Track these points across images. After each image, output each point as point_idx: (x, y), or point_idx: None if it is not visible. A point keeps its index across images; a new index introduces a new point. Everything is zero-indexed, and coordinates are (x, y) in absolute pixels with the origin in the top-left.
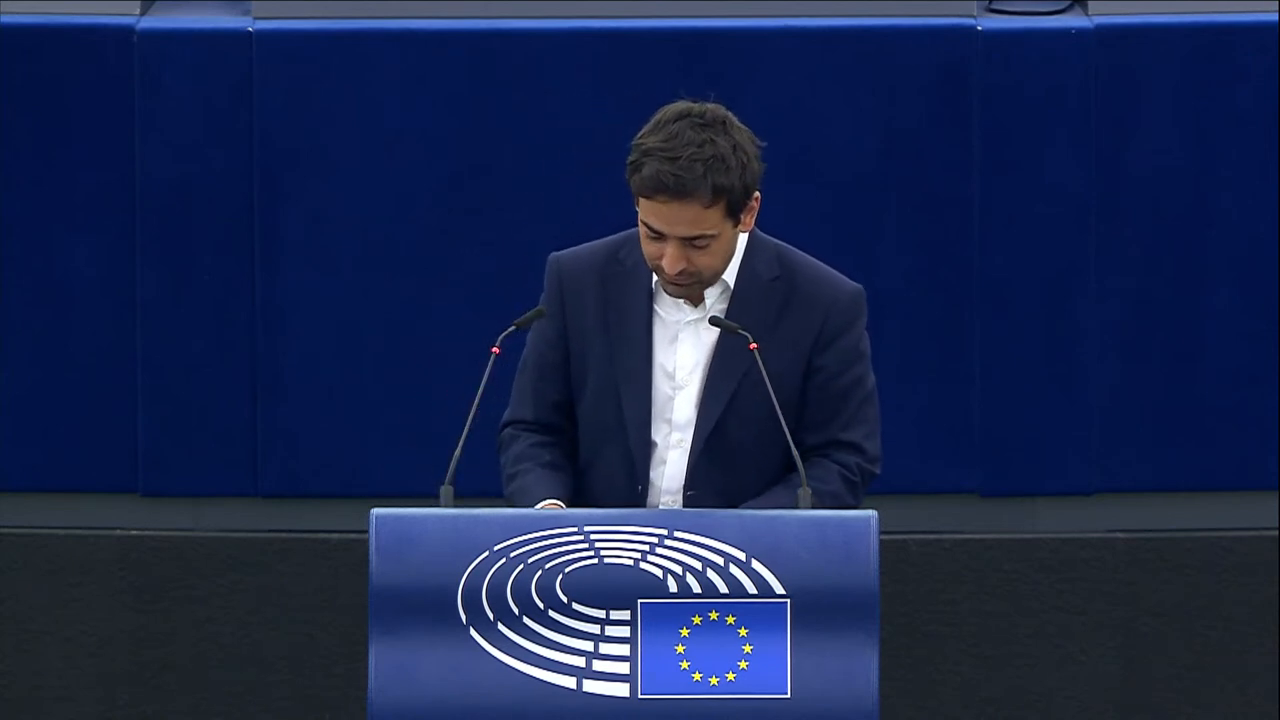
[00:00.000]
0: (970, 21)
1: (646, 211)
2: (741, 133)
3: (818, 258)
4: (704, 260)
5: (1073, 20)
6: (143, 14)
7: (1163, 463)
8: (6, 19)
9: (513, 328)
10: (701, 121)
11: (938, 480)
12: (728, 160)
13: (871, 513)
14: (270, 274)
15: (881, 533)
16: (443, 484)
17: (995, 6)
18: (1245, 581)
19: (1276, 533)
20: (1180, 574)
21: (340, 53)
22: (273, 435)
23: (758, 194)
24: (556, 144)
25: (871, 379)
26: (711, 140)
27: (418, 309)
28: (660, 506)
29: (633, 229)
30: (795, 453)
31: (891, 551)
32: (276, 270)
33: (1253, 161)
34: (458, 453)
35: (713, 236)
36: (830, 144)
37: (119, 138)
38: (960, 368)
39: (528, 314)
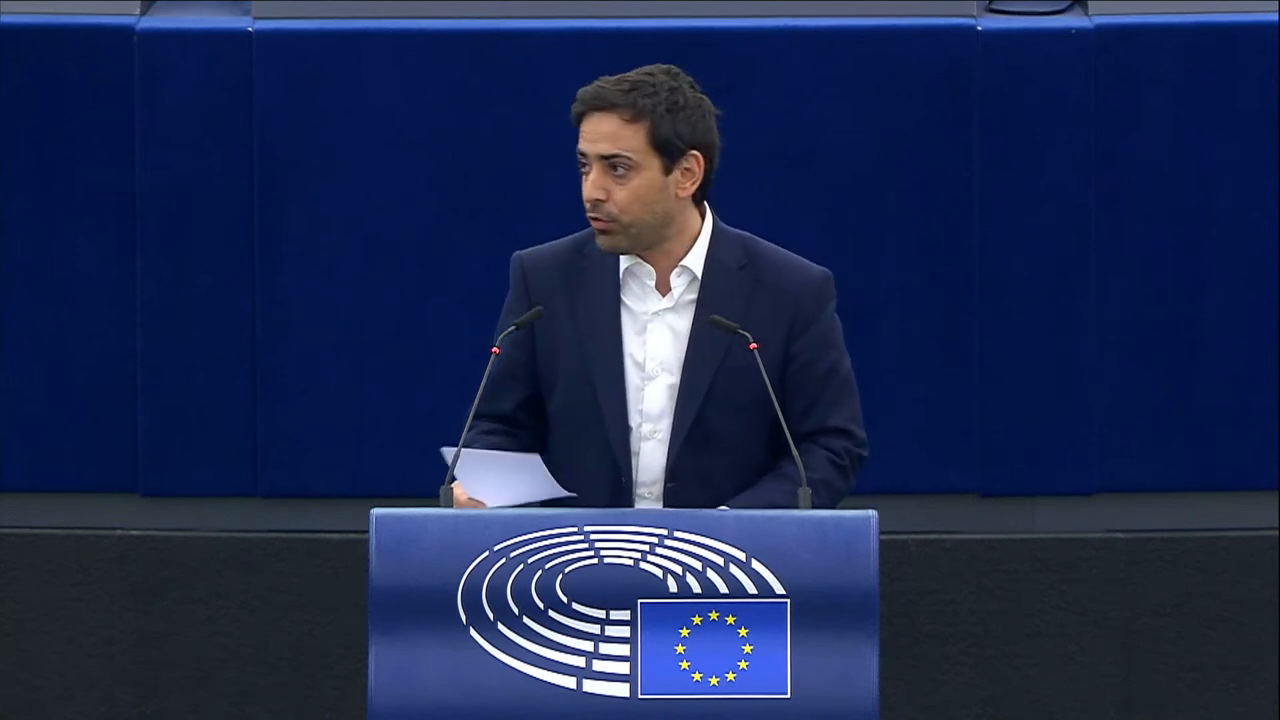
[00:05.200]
0: (970, 21)
1: (580, 141)
2: (691, 89)
3: (817, 258)
4: (623, 195)
5: (1073, 20)
6: (143, 14)
7: (1163, 463)
8: (6, 19)
9: (512, 328)
10: (648, 69)
11: (938, 480)
12: (659, 91)
13: (871, 513)
14: (270, 274)
15: (881, 533)
16: (443, 484)
17: (995, 6)
18: (1245, 581)
19: (1276, 533)
20: (1180, 574)
21: (340, 53)
22: (273, 435)
23: (699, 156)
24: (557, 144)
25: (847, 362)
26: (650, 75)
27: (418, 309)
28: (637, 498)
29: None
30: (793, 448)
31: (891, 551)
32: (276, 270)
33: (1253, 161)
34: (458, 452)
35: (632, 163)
36: (830, 144)
37: (119, 138)
38: (960, 368)
39: (527, 314)
